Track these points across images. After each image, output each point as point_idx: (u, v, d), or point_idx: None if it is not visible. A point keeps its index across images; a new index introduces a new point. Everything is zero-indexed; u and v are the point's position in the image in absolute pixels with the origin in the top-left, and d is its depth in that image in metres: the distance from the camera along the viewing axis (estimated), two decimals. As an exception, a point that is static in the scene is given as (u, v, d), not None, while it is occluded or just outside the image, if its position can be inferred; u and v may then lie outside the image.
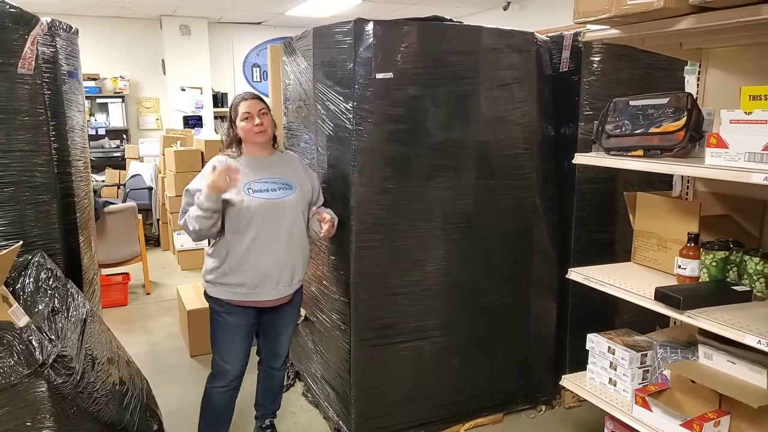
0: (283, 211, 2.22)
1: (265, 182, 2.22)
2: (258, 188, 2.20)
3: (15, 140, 2.16)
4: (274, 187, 2.23)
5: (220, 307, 2.27)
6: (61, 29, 2.49)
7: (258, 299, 2.25)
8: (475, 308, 2.65)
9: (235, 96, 2.33)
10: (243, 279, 2.20)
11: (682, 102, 1.77)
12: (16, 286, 1.99)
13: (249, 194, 2.18)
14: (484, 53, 2.46)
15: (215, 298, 2.27)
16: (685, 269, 1.78)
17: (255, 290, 2.22)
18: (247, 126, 2.22)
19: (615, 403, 1.96)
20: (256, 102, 2.26)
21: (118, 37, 7.87)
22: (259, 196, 2.18)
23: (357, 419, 2.53)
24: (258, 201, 2.17)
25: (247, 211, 2.16)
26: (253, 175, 2.22)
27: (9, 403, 1.55)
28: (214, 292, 2.26)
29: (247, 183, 2.18)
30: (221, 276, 2.22)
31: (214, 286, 2.25)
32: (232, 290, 2.23)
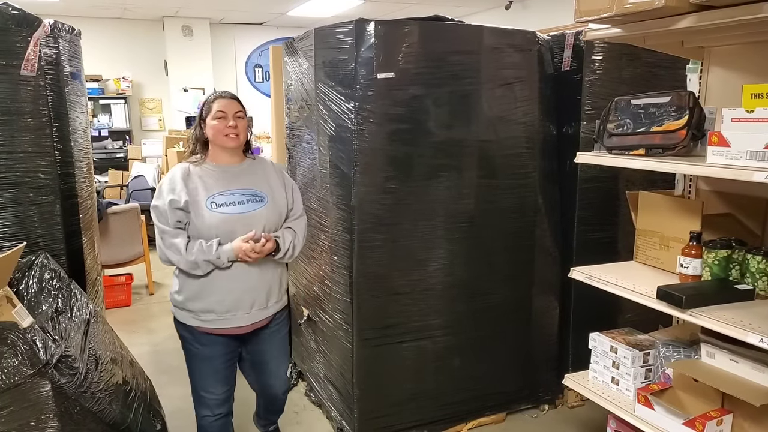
0: (251, 227, 1.95)
1: (231, 194, 1.96)
2: (222, 201, 1.94)
3: (18, 142, 2.17)
4: (241, 200, 1.97)
5: (189, 334, 2.03)
6: (63, 31, 2.50)
7: (228, 326, 2.00)
8: (478, 308, 2.65)
9: (210, 93, 2.11)
10: (210, 305, 1.96)
11: (684, 100, 1.76)
12: (20, 287, 2.00)
13: (211, 209, 1.92)
14: (485, 53, 2.46)
15: (184, 324, 2.02)
16: (688, 268, 1.78)
17: (224, 316, 1.98)
18: (219, 126, 1.95)
19: (618, 402, 1.96)
20: (233, 102, 2.00)
21: (121, 39, 7.89)
22: (222, 211, 1.93)
23: (360, 419, 2.53)
24: (220, 216, 1.92)
25: (209, 228, 1.91)
26: (217, 187, 1.96)
27: (13, 403, 1.56)
28: (181, 317, 2.03)
29: (210, 196, 1.93)
30: (185, 300, 1.99)
31: (180, 311, 2.02)
32: (199, 317, 1.98)
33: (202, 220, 1.91)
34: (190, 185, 1.94)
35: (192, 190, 1.93)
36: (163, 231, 1.93)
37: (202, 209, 1.92)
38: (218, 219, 1.92)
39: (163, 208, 1.92)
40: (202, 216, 1.91)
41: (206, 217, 1.92)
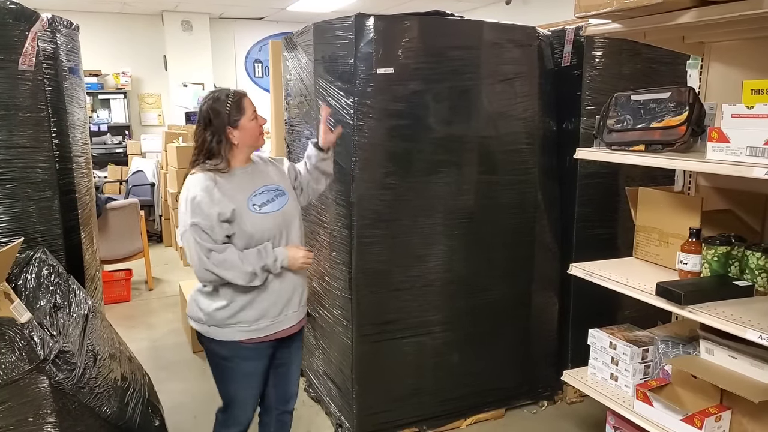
0: (289, 221, 1.94)
1: (262, 193, 1.90)
2: (260, 202, 1.87)
3: (16, 137, 2.16)
4: (271, 197, 1.91)
5: (230, 351, 1.89)
6: (61, 25, 2.48)
7: (282, 328, 1.93)
8: (477, 304, 2.65)
9: (217, 94, 1.86)
10: (263, 310, 1.87)
11: (684, 96, 1.76)
12: (18, 282, 2.00)
13: (255, 211, 1.84)
14: (485, 48, 2.45)
15: (225, 342, 1.88)
16: (687, 264, 1.78)
17: (278, 319, 1.90)
18: (256, 126, 1.87)
19: (616, 398, 1.96)
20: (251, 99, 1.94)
21: (120, 33, 7.87)
22: (265, 210, 1.87)
23: (359, 414, 2.53)
24: (268, 217, 1.86)
25: (261, 232, 1.84)
26: (249, 188, 1.88)
27: (11, 398, 1.56)
28: (222, 335, 1.87)
29: (248, 198, 1.85)
30: (234, 314, 1.85)
31: (221, 328, 1.87)
32: (249, 327, 1.87)
33: (251, 224, 1.82)
34: (228, 193, 1.81)
35: (231, 197, 1.81)
36: (209, 249, 1.77)
37: (248, 214, 1.82)
38: (267, 220, 1.85)
39: (208, 224, 1.76)
40: (249, 221, 1.81)
41: (255, 221, 1.82)
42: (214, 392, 2.01)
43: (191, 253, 1.79)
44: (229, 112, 1.82)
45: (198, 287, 1.92)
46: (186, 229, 1.78)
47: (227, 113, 1.82)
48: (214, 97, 1.85)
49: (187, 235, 1.78)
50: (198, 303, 1.91)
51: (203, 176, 1.80)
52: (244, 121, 1.84)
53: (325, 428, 2.76)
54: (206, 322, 1.88)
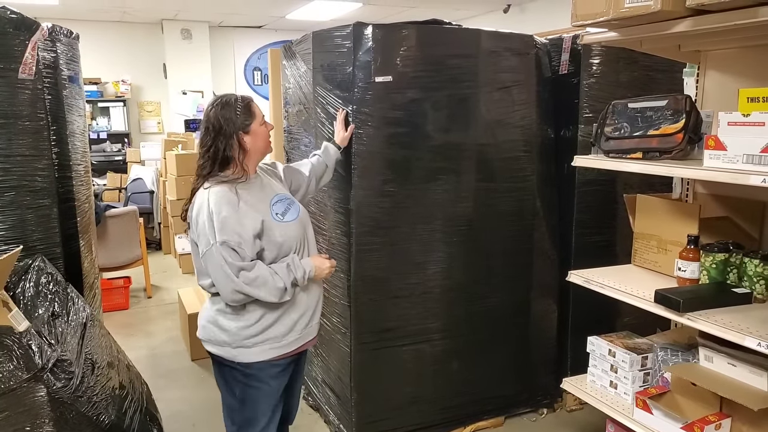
0: (305, 227, 1.90)
1: (277, 202, 1.84)
2: (281, 210, 1.82)
3: (16, 145, 2.17)
4: (287, 205, 1.86)
5: (260, 371, 1.80)
6: (61, 34, 2.50)
7: (307, 339, 1.89)
8: (476, 311, 2.65)
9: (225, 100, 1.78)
10: (294, 322, 1.81)
11: (681, 104, 1.77)
12: (16, 291, 1.99)
13: (279, 221, 1.79)
14: (483, 56, 2.46)
15: (253, 363, 1.79)
16: (685, 271, 1.78)
17: (305, 331, 1.86)
18: (267, 132, 1.82)
19: (616, 405, 1.96)
20: None
21: (120, 42, 7.90)
22: (288, 219, 1.82)
23: (358, 423, 2.52)
24: (292, 226, 1.81)
25: (290, 241, 1.79)
26: (266, 198, 1.83)
27: (8, 407, 1.55)
28: (252, 356, 1.78)
29: (270, 208, 1.80)
30: (263, 331, 1.77)
31: (249, 348, 1.77)
32: (279, 343, 1.80)
33: (280, 234, 1.76)
34: (253, 204, 1.75)
35: (257, 209, 1.75)
36: (239, 268, 1.68)
37: (274, 224, 1.76)
38: (291, 228, 1.80)
39: (237, 240, 1.67)
40: (278, 230, 1.76)
41: (283, 230, 1.77)
42: (212, 400, 2.00)
43: (218, 274, 1.68)
44: (239, 117, 1.75)
45: (217, 308, 1.80)
46: (210, 249, 1.67)
47: (238, 118, 1.75)
48: (222, 102, 1.77)
49: (214, 255, 1.67)
50: (219, 325, 1.78)
51: (225, 189, 1.71)
52: (255, 125, 1.78)
53: (324, 437, 2.75)
54: (231, 344, 1.77)
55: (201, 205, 1.71)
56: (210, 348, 1.84)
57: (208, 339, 1.83)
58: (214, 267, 1.68)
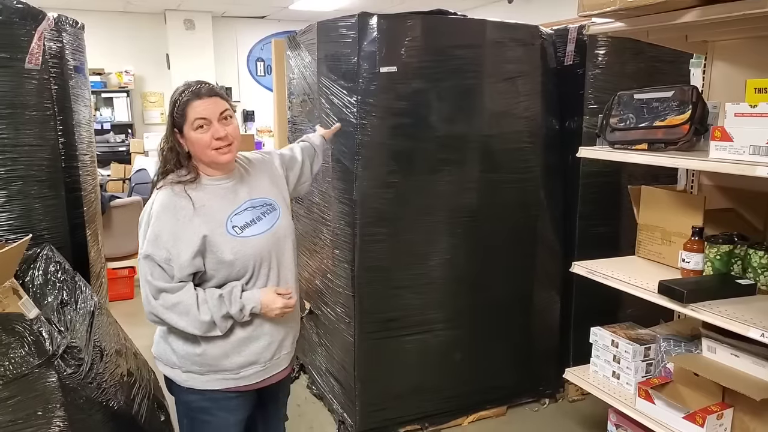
0: (281, 243, 1.61)
1: (245, 211, 1.56)
2: (242, 222, 1.54)
3: (23, 135, 2.17)
4: (257, 215, 1.58)
5: (210, 403, 1.57)
6: (67, 24, 2.50)
7: (273, 373, 1.63)
8: (479, 302, 2.66)
9: (179, 90, 1.54)
10: (254, 354, 1.57)
11: (687, 95, 1.77)
12: (25, 279, 2.01)
13: (236, 235, 1.50)
14: (488, 47, 2.46)
15: (203, 391, 1.56)
16: (689, 263, 1.79)
17: (269, 364, 1.60)
18: (204, 138, 1.48)
19: (618, 396, 1.97)
20: (215, 101, 1.52)
21: (123, 32, 7.88)
22: (249, 234, 1.53)
23: (361, 411, 2.55)
24: (251, 242, 1.53)
25: (244, 258, 1.51)
26: (228, 206, 1.55)
27: (20, 392, 1.57)
28: (201, 384, 1.55)
29: (227, 219, 1.52)
30: (215, 360, 1.54)
31: (201, 377, 1.55)
32: (235, 375, 1.56)
33: (231, 251, 1.49)
34: (201, 213, 1.49)
35: (205, 220, 1.49)
36: (160, 289, 1.46)
37: (225, 239, 1.49)
38: (250, 245, 1.51)
39: (167, 257, 1.45)
40: (229, 247, 1.48)
41: (236, 247, 1.49)
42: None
43: (142, 289, 1.50)
44: (172, 114, 1.53)
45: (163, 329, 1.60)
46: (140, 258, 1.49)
47: (173, 115, 1.53)
48: (174, 92, 1.55)
49: (141, 266, 1.48)
50: (169, 343, 1.56)
51: (172, 194, 1.49)
52: (186, 128, 1.50)
53: (327, 425, 2.78)
54: (181, 367, 1.55)
55: (146, 208, 1.54)
56: (161, 367, 1.63)
57: (158, 356, 1.62)
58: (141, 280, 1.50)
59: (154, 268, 1.46)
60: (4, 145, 2.13)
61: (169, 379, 1.62)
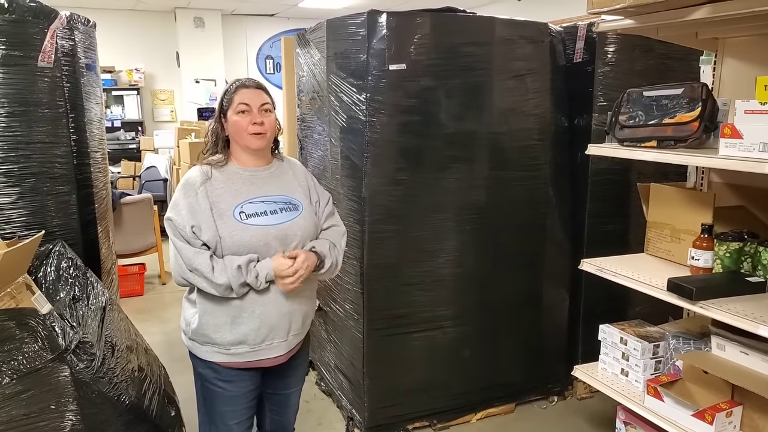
0: (288, 240, 1.66)
1: (261, 202, 1.66)
2: (252, 211, 1.64)
3: (35, 132, 2.20)
4: (274, 209, 1.67)
5: (212, 372, 1.69)
6: (79, 23, 2.52)
7: (265, 357, 1.69)
8: (488, 299, 2.66)
9: (230, 82, 1.73)
10: (242, 335, 1.64)
11: (697, 92, 1.76)
12: (38, 275, 2.04)
13: (240, 220, 1.61)
14: (497, 44, 2.45)
15: (204, 361, 1.69)
16: (699, 260, 1.78)
17: (260, 347, 1.67)
18: (242, 122, 1.64)
19: (627, 393, 1.97)
20: (258, 93, 1.68)
21: (133, 30, 7.93)
22: (253, 222, 1.62)
23: (370, 408, 2.56)
24: (252, 230, 1.61)
25: (238, 246, 1.60)
26: (246, 193, 1.66)
27: (33, 386, 1.60)
28: (201, 353, 1.69)
29: (238, 205, 1.62)
30: (211, 333, 1.65)
31: (199, 345, 1.68)
32: (228, 351, 1.66)
33: (229, 235, 1.59)
34: (214, 192, 1.63)
35: (216, 199, 1.62)
36: (180, 248, 1.60)
37: (229, 222, 1.60)
38: (250, 234, 1.60)
39: (180, 223, 1.60)
40: (227, 231, 1.59)
41: (235, 232, 1.60)
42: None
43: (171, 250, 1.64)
44: (222, 100, 1.70)
45: (186, 292, 1.74)
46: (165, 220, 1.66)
47: (221, 103, 1.70)
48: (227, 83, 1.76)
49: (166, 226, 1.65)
50: (183, 310, 1.73)
51: (196, 169, 1.67)
52: (230, 112, 1.67)
53: (336, 421, 2.79)
54: (187, 334, 1.72)
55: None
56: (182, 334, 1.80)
57: (181, 327, 1.79)
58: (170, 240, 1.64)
59: (174, 231, 1.61)
60: (18, 143, 2.17)
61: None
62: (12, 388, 1.58)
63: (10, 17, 2.09)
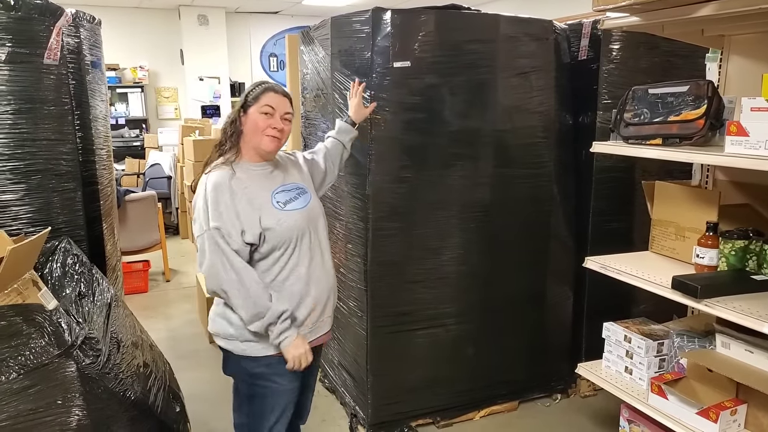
0: (315, 219, 1.81)
1: (284, 191, 1.76)
2: (284, 199, 1.74)
3: (41, 129, 2.21)
4: (295, 195, 1.78)
5: (267, 368, 1.73)
6: (84, 20, 2.53)
7: (319, 334, 1.81)
8: (492, 296, 2.67)
9: (257, 82, 1.80)
10: (305, 315, 1.74)
11: (703, 90, 1.75)
12: (44, 271, 2.05)
13: (280, 209, 1.71)
14: (501, 41, 2.45)
15: (261, 358, 1.72)
16: (704, 258, 1.78)
17: (315, 325, 1.78)
18: (262, 122, 1.70)
19: (631, 391, 1.97)
20: (284, 101, 1.75)
21: (138, 28, 7.95)
22: (290, 208, 1.73)
23: (373, 405, 2.57)
24: (293, 215, 1.72)
25: (288, 231, 1.69)
26: (270, 184, 1.75)
27: (40, 382, 1.61)
28: (259, 350, 1.72)
29: (271, 195, 1.72)
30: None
31: (256, 343, 1.71)
32: None
33: (276, 224, 1.67)
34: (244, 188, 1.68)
35: (250, 194, 1.68)
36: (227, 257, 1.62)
37: (272, 211, 1.68)
38: (292, 218, 1.71)
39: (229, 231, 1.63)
40: (275, 219, 1.67)
41: (282, 220, 1.68)
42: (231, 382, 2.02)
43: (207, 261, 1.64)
44: (246, 96, 1.75)
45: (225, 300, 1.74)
46: (203, 234, 1.65)
47: (244, 99, 1.75)
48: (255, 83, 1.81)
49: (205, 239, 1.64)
50: (227, 317, 1.73)
51: (220, 174, 1.68)
52: (252, 109, 1.71)
53: (339, 418, 2.80)
54: (238, 338, 1.72)
55: (199, 191, 1.70)
56: (219, 342, 1.80)
57: (217, 332, 1.79)
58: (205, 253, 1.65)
59: (220, 239, 1.63)
60: (24, 140, 2.18)
61: (227, 354, 1.80)
62: (19, 383, 1.59)
63: (17, 15, 2.09)
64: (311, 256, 1.76)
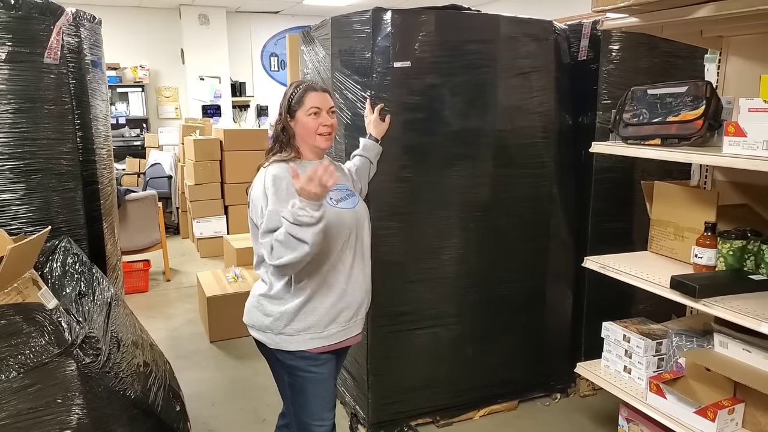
0: (362, 221, 1.84)
1: (336, 190, 1.80)
2: (337, 197, 1.79)
3: (41, 128, 2.22)
4: (344, 195, 1.83)
5: (303, 361, 1.76)
6: (85, 20, 2.54)
7: (351, 335, 1.84)
8: (491, 296, 2.67)
9: (295, 84, 1.83)
10: (339, 311, 1.78)
11: (701, 90, 1.76)
12: (44, 270, 2.06)
13: (333, 205, 1.75)
14: (502, 42, 2.46)
15: (295, 353, 1.76)
16: (702, 258, 1.78)
17: (348, 324, 1.81)
18: (312, 123, 1.76)
19: (630, 390, 1.98)
20: (326, 97, 1.80)
21: (138, 27, 7.96)
22: (342, 206, 1.78)
23: (373, 404, 2.57)
24: (345, 213, 1.77)
25: (338, 226, 1.73)
26: None
27: (41, 380, 1.62)
28: (293, 345, 1.75)
29: None
30: (306, 317, 1.74)
31: (290, 337, 1.74)
32: (321, 333, 1.75)
33: (331, 219, 1.68)
34: None
35: None
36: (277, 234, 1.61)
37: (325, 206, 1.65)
38: (345, 216, 1.75)
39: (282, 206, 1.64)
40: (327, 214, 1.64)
41: (335, 215, 1.72)
42: (231, 381, 2.04)
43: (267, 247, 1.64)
44: (287, 104, 1.79)
45: (261, 292, 1.78)
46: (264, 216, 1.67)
47: (288, 104, 1.79)
48: (291, 85, 1.84)
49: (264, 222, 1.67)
50: (263, 309, 1.77)
51: (279, 166, 1.73)
52: (300, 113, 1.77)
53: (339, 417, 2.77)
54: (273, 330, 1.75)
55: (257, 182, 1.75)
56: (254, 333, 1.82)
57: (252, 324, 1.81)
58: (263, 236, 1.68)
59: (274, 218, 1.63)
60: (24, 139, 2.18)
61: (261, 347, 1.83)
62: (19, 381, 1.60)
63: (17, 14, 2.10)
64: (354, 256, 1.79)
